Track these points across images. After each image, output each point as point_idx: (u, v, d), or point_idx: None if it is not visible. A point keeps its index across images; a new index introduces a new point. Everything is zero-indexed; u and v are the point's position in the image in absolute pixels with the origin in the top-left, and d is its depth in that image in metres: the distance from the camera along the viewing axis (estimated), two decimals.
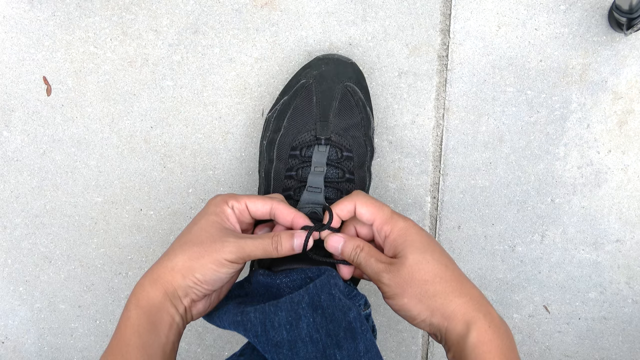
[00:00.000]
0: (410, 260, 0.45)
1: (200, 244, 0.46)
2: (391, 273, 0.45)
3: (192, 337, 0.78)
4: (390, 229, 0.47)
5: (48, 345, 0.80)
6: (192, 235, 0.47)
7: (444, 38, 0.65)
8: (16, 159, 0.73)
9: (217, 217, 0.48)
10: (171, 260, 0.45)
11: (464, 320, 0.43)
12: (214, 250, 0.45)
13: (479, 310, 0.44)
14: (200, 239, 0.46)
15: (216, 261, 0.45)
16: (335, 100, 0.60)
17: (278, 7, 0.66)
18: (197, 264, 0.45)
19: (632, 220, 0.68)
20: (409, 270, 0.45)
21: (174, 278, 0.45)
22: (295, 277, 0.51)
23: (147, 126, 0.70)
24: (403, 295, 0.45)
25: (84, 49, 0.68)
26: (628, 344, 0.73)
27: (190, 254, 0.45)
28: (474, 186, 0.69)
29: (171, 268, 0.45)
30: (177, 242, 0.47)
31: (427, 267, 0.45)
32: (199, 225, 0.47)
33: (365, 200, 0.49)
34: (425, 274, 0.45)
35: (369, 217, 0.49)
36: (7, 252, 0.76)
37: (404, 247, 0.46)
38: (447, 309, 0.44)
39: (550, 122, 0.66)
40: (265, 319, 0.47)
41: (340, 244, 0.49)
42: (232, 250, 0.46)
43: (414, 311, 0.45)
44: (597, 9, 0.63)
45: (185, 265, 0.45)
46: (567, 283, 0.71)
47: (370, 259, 0.47)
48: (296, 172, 0.59)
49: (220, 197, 0.49)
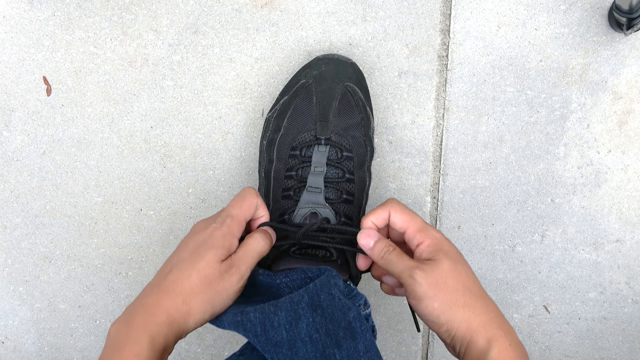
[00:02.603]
0: (445, 265, 0.46)
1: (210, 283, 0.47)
2: (426, 272, 0.45)
3: (192, 337, 0.78)
4: (423, 237, 0.48)
5: (48, 345, 0.80)
6: (202, 271, 0.47)
7: (444, 38, 0.65)
8: (16, 159, 0.73)
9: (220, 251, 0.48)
10: (187, 304, 0.46)
11: (486, 336, 0.44)
12: (223, 289, 0.47)
13: (501, 329, 0.45)
14: (209, 278, 0.47)
15: (227, 298, 0.48)
16: (335, 100, 0.60)
17: (278, 7, 0.66)
18: (209, 307, 0.47)
19: (632, 220, 0.68)
20: (444, 275, 0.46)
21: (186, 323, 0.46)
22: (295, 277, 0.52)
23: (147, 126, 0.70)
24: (435, 298, 0.45)
25: (84, 49, 0.69)
26: (628, 344, 0.73)
27: (204, 296, 0.46)
28: (474, 186, 0.69)
29: (186, 313, 0.46)
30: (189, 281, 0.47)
31: (459, 277, 0.46)
32: (205, 260, 0.47)
33: (398, 208, 0.50)
34: (458, 282, 0.46)
35: (402, 225, 0.50)
36: (7, 252, 0.76)
37: (438, 254, 0.47)
38: (472, 323, 0.45)
39: (550, 122, 0.66)
40: (265, 318, 0.47)
41: (373, 240, 0.50)
42: (238, 278, 0.48)
43: (442, 318, 0.45)
44: (597, 9, 0.63)
45: (200, 309, 0.47)
46: (567, 283, 0.71)
47: (403, 256, 0.48)
48: (296, 172, 0.59)
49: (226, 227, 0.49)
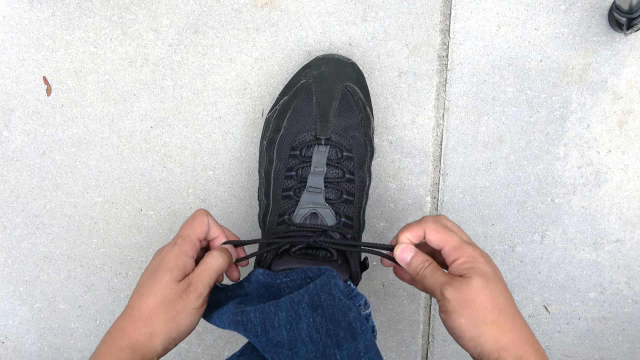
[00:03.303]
0: (475, 282, 0.46)
1: (170, 303, 0.47)
2: (455, 288, 0.46)
3: (192, 337, 0.78)
4: (459, 255, 0.49)
5: (48, 345, 0.80)
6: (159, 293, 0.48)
7: (444, 38, 0.65)
8: (16, 159, 0.73)
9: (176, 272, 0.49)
10: (148, 325, 0.46)
11: (515, 354, 0.44)
12: (184, 308, 0.47)
13: (532, 347, 0.45)
14: (168, 299, 0.47)
15: (190, 315, 0.48)
16: (335, 100, 0.60)
17: (278, 7, 0.66)
18: (173, 325, 0.47)
19: (632, 220, 0.68)
20: (472, 292, 0.46)
21: (152, 345, 0.46)
22: (295, 277, 0.52)
23: (147, 126, 0.70)
24: (461, 315, 0.46)
25: (84, 49, 0.68)
26: (628, 344, 0.73)
27: (165, 316, 0.47)
28: (474, 186, 0.69)
29: (150, 334, 0.46)
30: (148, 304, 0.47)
31: (490, 295, 0.46)
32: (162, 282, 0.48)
33: (434, 227, 0.51)
34: (487, 300, 0.46)
35: (439, 244, 0.50)
36: (7, 252, 0.76)
37: (470, 271, 0.47)
38: (500, 340, 0.45)
39: (550, 122, 0.66)
40: (265, 318, 0.47)
41: (410, 256, 0.51)
42: (196, 296, 0.48)
43: (468, 334, 0.46)
44: (597, 9, 0.63)
45: (163, 329, 0.47)
46: (567, 283, 0.71)
47: (437, 272, 0.49)
48: (296, 172, 0.59)
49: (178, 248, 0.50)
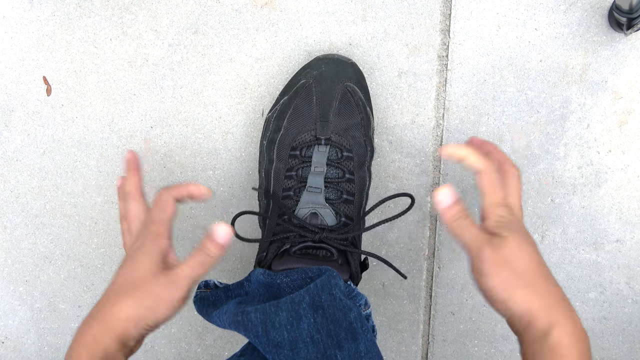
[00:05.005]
0: (512, 242, 0.44)
1: (147, 291, 0.45)
2: (492, 249, 0.44)
3: (192, 337, 0.78)
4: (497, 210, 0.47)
5: (48, 345, 0.80)
6: (135, 279, 0.45)
7: (444, 38, 0.65)
8: (16, 159, 0.73)
9: (155, 256, 0.46)
10: (122, 309, 0.44)
11: (548, 319, 0.42)
12: (163, 296, 0.44)
13: (564, 313, 0.43)
14: (145, 284, 0.45)
15: (169, 306, 0.45)
16: (335, 100, 0.60)
17: (278, 7, 0.66)
18: (149, 312, 0.44)
19: (632, 220, 0.68)
20: (510, 252, 0.44)
21: (126, 330, 0.44)
22: (296, 277, 0.52)
23: (147, 126, 0.70)
24: (497, 275, 0.44)
25: (84, 49, 0.68)
26: (628, 344, 0.73)
27: (141, 302, 0.44)
28: (474, 186, 0.69)
29: (124, 319, 0.44)
30: (122, 286, 0.45)
31: (527, 256, 0.45)
32: (140, 267, 0.46)
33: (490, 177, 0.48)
34: (524, 262, 0.44)
35: (482, 189, 0.47)
36: (7, 252, 0.76)
37: (506, 230, 0.45)
38: (532, 304, 0.43)
39: (550, 122, 0.66)
40: (266, 319, 0.47)
41: (452, 199, 0.47)
42: (178, 286, 0.45)
43: (500, 296, 0.44)
44: (597, 9, 0.63)
45: (137, 315, 0.44)
46: (567, 283, 0.71)
47: (473, 228, 0.46)
48: (296, 172, 0.59)
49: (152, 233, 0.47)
